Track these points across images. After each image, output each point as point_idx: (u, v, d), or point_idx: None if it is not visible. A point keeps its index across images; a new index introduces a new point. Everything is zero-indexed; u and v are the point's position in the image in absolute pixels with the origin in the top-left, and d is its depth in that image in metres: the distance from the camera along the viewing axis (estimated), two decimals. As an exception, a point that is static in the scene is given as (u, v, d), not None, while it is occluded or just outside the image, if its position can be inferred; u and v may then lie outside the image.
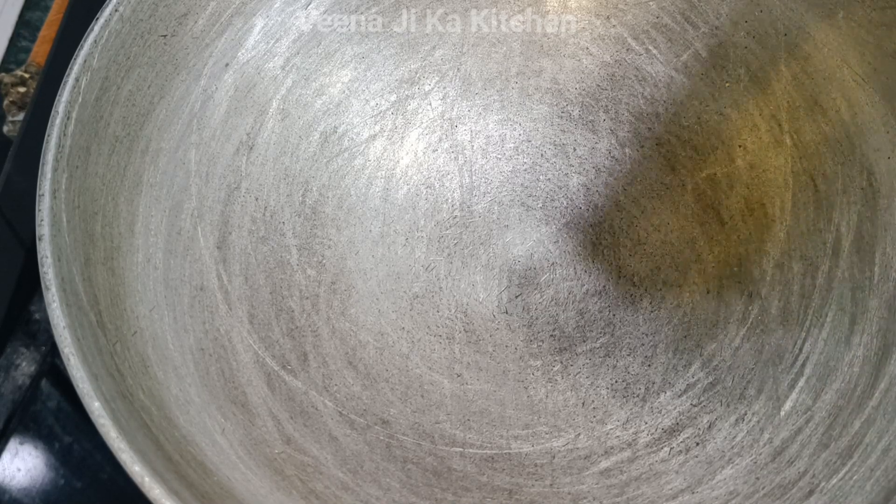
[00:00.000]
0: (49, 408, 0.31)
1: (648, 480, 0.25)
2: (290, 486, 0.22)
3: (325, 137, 0.30)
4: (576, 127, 0.33)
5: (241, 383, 0.24)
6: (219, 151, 0.27)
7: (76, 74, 0.23)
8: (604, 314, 0.29)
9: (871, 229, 0.26)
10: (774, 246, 0.29)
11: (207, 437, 0.22)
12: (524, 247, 0.31)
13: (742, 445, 0.25)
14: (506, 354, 0.29)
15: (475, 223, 0.31)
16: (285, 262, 0.28)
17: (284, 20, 0.29)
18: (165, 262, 0.24)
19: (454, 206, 0.32)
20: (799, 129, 0.29)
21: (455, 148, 0.33)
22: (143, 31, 0.25)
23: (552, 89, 0.33)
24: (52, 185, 0.21)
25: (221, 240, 0.27)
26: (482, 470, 0.26)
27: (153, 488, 0.18)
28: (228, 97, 0.28)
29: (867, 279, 0.26)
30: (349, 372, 0.27)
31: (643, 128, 0.32)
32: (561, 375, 0.28)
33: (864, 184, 0.27)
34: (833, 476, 0.23)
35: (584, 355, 0.29)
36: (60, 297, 0.20)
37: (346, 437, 0.25)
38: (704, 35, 0.30)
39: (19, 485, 0.30)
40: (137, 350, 0.22)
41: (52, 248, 0.20)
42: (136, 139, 0.25)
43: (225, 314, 0.25)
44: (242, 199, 0.28)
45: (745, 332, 0.28)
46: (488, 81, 0.33)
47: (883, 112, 0.27)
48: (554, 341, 0.29)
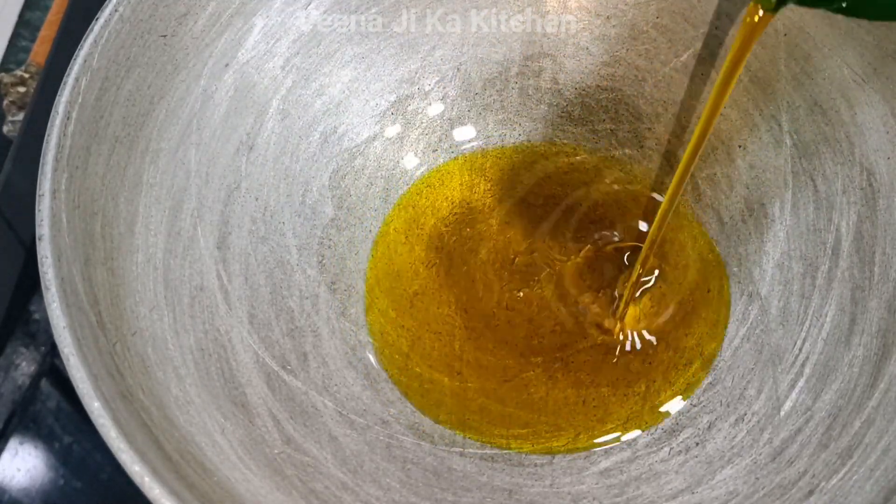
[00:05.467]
0: (49, 408, 0.31)
1: (648, 480, 0.25)
2: (290, 486, 0.22)
3: (325, 137, 0.31)
4: (576, 127, 0.33)
5: (241, 383, 0.24)
6: (219, 151, 0.27)
7: (76, 74, 0.23)
8: (605, 311, 0.30)
9: (871, 229, 0.26)
10: (774, 246, 0.29)
11: (207, 437, 0.22)
12: (525, 243, 0.31)
13: (742, 445, 0.25)
14: (506, 351, 0.29)
15: (475, 220, 0.31)
16: (285, 262, 0.28)
17: (284, 20, 0.29)
18: (165, 262, 0.25)
19: (454, 204, 0.32)
20: (799, 129, 0.29)
21: (455, 148, 0.33)
22: (143, 31, 0.25)
23: (552, 89, 0.33)
24: (52, 185, 0.21)
25: (221, 240, 0.27)
26: (482, 470, 0.26)
27: (153, 488, 0.18)
28: (228, 97, 0.28)
29: (867, 279, 0.26)
30: (349, 372, 0.27)
31: (643, 128, 0.32)
32: (561, 373, 0.28)
33: (864, 184, 0.27)
34: (833, 476, 0.23)
35: (584, 352, 0.29)
36: (60, 298, 0.20)
37: (346, 437, 0.25)
38: (704, 35, 0.30)
39: (19, 485, 0.30)
40: (137, 350, 0.22)
41: (52, 248, 0.20)
42: (136, 139, 0.25)
43: (225, 314, 0.25)
44: (242, 199, 0.28)
45: (745, 332, 0.28)
46: (488, 81, 0.33)
47: (883, 112, 0.27)
48: (555, 338, 0.29)
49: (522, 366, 0.29)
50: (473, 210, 0.32)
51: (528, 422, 0.27)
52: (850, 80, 0.27)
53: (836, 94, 0.28)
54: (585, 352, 0.29)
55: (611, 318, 0.29)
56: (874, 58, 0.27)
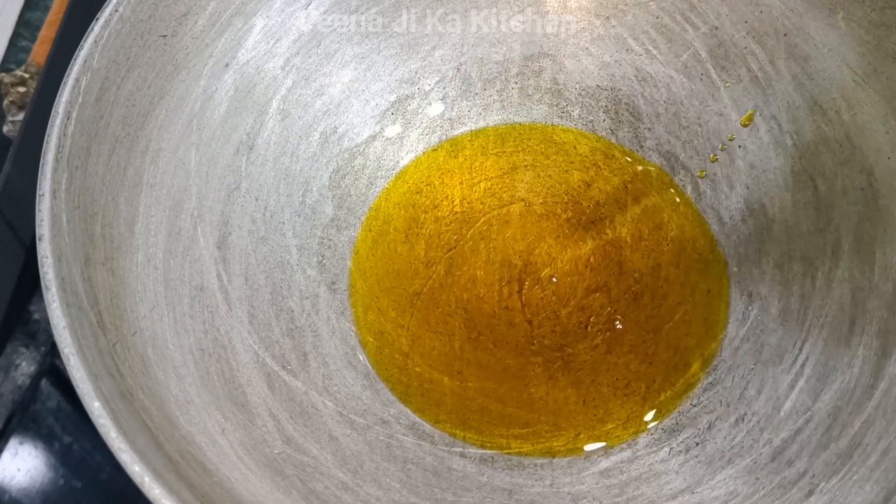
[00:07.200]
0: (49, 408, 0.31)
1: (648, 480, 0.25)
2: (290, 486, 0.22)
3: (325, 137, 0.31)
4: (576, 126, 0.33)
5: (241, 383, 0.24)
6: (219, 151, 0.27)
7: (76, 74, 0.23)
8: (605, 310, 0.29)
9: (871, 229, 0.26)
10: (774, 246, 0.29)
11: (207, 437, 0.22)
12: (525, 242, 0.31)
13: (742, 445, 0.25)
14: (506, 351, 0.29)
15: (475, 219, 0.31)
16: (285, 262, 0.28)
17: (284, 20, 0.29)
18: (165, 262, 0.24)
19: (454, 203, 0.32)
20: (799, 129, 0.29)
21: (455, 147, 0.33)
22: (143, 31, 0.25)
23: (552, 89, 0.33)
24: (52, 185, 0.21)
25: (221, 240, 0.27)
26: (482, 470, 0.26)
27: (153, 488, 0.18)
28: (228, 97, 0.28)
29: (867, 280, 0.26)
30: (349, 372, 0.27)
31: (643, 128, 0.32)
32: (562, 372, 0.28)
33: (864, 184, 0.27)
34: (833, 476, 0.23)
35: (585, 352, 0.29)
36: (60, 298, 0.20)
37: (346, 437, 0.25)
38: (704, 35, 0.30)
39: (19, 485, 0.30)
40: (137, 350, 0.22)
41: (52, 248, 0.20)
42: (136, 139, 0.25)
43: (225, 314, 0.25)
44: (242, 199, 0.28)
45: (745, 332, 0.28)
46: (488, 81, 0.33)
47: (883, 112, 0.27)
48: (555, 337, 0.29)
49: (522, 365, 0.28)
50: (473, 210, 0.32)
51: (528, 421, 0.27)
52: (850, 80, 0.27)
53: (836, 94, 0.28)
54: (585, 352, 0.29)
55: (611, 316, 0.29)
56: (874, 58, 0.27)
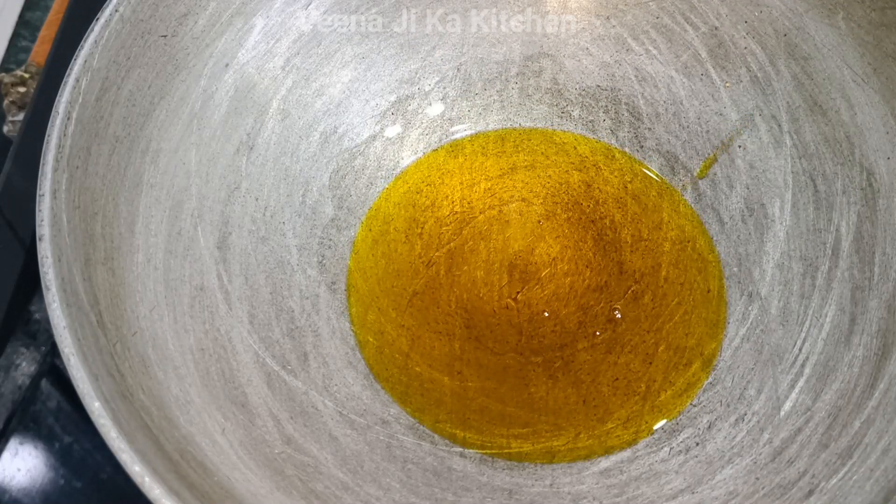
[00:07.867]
0: (49, 408, 0.31)
1: (648, 480, 0.25)
2: (290, 486, 0.22)
3: (325, 137, 0.31)
4: (576, 127, 0.33)
5: (241, 383, 0.24)
6: (219, 151, 0.27)
7: (76, 74, 0.23)
8: (605, 310, 0.29)
9: (870, 229, 0.26)
10: (774, 246, 0.29)
11: (207, 437, 0.22)
12: (525, 242, 0.31)
13: (742, 445, 0.25)
14: (506, 350, 0.29)
15: (475, 219, 0.31)
16: (285, 262, 0.28)
17: (284, 20, 0.29)
18: (165, 262, 0.24)
19: (454, 203, 0.32)
20: (799, 129, 0.29)
21: (455, 148, 0.33)
22: (143, 31, 0.25)
23: (552, 89, 0.33)
24: (52, 185, 0.21)
25: (221, 240, 0.27)
26: (482, 470, 0.26)
27: (153, 488, 0.18)
28: (228, 97, 0.28)
29: (867, 279, 0.26)
30: (349, 372, 0.27)
31: (643, 128, 0.32)
32: (562, 372, 0.28)
33: (864, 184, 0.27)
34: (833, 476, 0.23)
35: (585, 351, 0.29)
36: (60, 298, 0.20)
37: (346, 437, 0.25)
38: (704, 35, 0.30)
39: (19, 485, 0.30)
40: (137, 350, 0.22)
41: (52, 249, 0.20)
42: (136, 139, 0.25)
43: (225, 314, 0.25)
44: (242, 199, 0.28)
45: (745, 332, 0.28)
46: (488, 81, 0.33)
47: (883, 112, 0.27)
48: (555, 337, 0.29)
49: (522, 365, 0.28)
50: (473, 210, 0.32)
51: (529, 421, 0.27)
52: (850, 80, 0.27)
53: (836, 94, 0.28)
54: (585, 351, 0.29)
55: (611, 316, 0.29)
56: (874, 58, 0.27)
